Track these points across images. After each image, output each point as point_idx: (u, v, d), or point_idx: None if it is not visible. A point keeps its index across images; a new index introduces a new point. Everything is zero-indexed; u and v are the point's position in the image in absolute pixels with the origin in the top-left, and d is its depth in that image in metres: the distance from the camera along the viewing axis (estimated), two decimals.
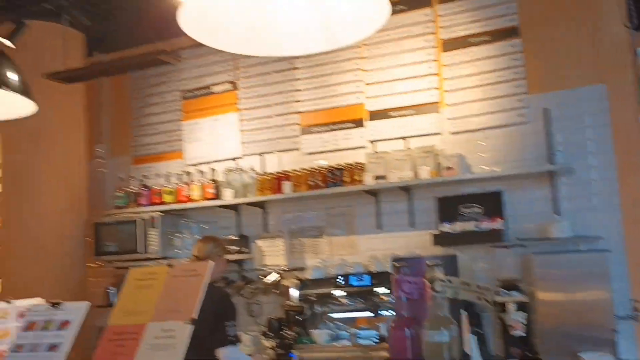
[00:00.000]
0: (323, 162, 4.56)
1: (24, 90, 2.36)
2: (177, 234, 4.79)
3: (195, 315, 1.58)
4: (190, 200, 4.76)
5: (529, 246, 3.94)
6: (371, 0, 1.76)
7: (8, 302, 1.92)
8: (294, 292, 4.01)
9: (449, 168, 4.02)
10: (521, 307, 3.80)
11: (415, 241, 4.28)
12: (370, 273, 4.02)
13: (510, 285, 3.91)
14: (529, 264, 3.88)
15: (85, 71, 3.61)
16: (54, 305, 1.71)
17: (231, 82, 5.01)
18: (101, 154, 5.46)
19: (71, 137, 4.96)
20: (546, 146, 4.02)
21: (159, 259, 4.69)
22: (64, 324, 1.65)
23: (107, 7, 4.61)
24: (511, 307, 3.81)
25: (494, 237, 3.96)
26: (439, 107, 4.35)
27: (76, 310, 1.68)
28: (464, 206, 4.18)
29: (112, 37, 5.15)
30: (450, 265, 3.70)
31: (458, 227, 4.08)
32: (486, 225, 4.01)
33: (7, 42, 3.70)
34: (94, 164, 5.38)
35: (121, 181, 5.12)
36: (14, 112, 2.57)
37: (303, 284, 4.02)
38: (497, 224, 3.99)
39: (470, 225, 4.05)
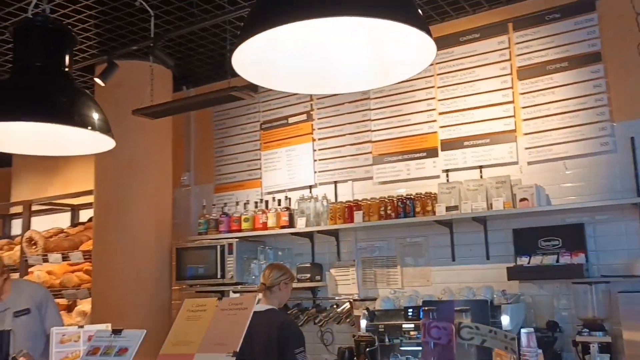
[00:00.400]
0: (402, 190, 4.54)
1: (104, 128, 2.57)
2: (253, 260, 4.93)
3: (237, 348, 1.64)
4: (266, 227, 4.89)
5: (614, 283, 3.69)
6: (418, 41, 1.78)
7: (81, 326, 2.08)
8: (363, 323, 3.99)
9: (523, 199, 3.87)
10: (605, 348, 3.57)
11: (490, 274, 4.14)
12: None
13: (593, 325, 3.70)
14: (614, 302, 3.63)
15: (167, 107, 3.86)
16: (116, 332, 1.83)
17: (306, 113, 5.14)
18: (186, 182, 5.75)
19: (160, 167, 5.27)
20: (633, 177, 3.78)
21: (235, 284, 4.84)
22: (122, 351, 1.77)
23: (191, 46, 4.90)
24: (594, 348, 3.59)
25: (574, 273, 3.74)
26: (515, 136, 4.22)
27: (134, 338, 1.80)
28: (543, 239, 4.00)
29: (198, 73, 5.47)
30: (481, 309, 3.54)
31: (535, 260, 3.91)
32: (566, 259, 3.81)
33: (99, 81, 4.06)
34: (180, 192, 5.68)
35: (203, 208, 5.36)
36: (95, 148, 2.80)
37: (371, 315, 3.99)
38: (578, 259, 3.78)
39: (548, 259, 3.87)
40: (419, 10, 1.76)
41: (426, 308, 1.37)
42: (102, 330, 1.90)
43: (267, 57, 1.91)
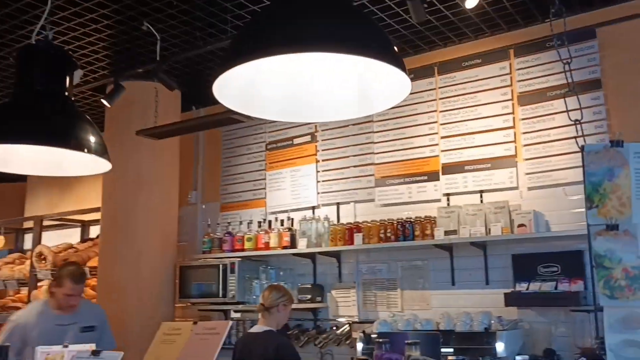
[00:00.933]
0: (406, 213, 4.53)
1: (100, 151, 2.65)
2: (255, 280, 4.96)
3: None
4: (268, 247, 4.94)
5: None
6: (395, 77, 1.83)
7: (65, 346, 2.13)
8: (359, 346, 3.99)
9: (521, 225, 3.86)
10: None
11: (489, 299, 4.12)
12: (437, 331, 3.91)
13: (590, 354, 3.65)
14: None
15: (169, 128, 3.96)
16: (94, 353, 1.88)
17: (311, 134, 5.20)
18: (193, 200, 5.82)
19: (166, 185, 5.36)
20: None
21: (236, 303, 4.88)
22: None
23: (199, 68, 5.01)
24: None
25: (572, 300, 3.72)
26: (516, 162, 4.23)
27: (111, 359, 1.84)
28: (542, 265, 3.98)
29: (207, 93, 5.56)
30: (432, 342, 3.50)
31: (534, 287, 3.89)
32: (564, 286, 3.78)
33: (105, 102, 4.17)
34: (186, 210, 5.76)
35: (208, 227, 5.43)
36: (93, 170, 2.89)
37: (367, 338, 3.99)
38: (576, 286, 3.75)
39: (547, 286, 3.85)
40: (395, 47, 1.81)
41: (380, 340, 1.40)
42: (82, 350, 1.95)
43: (248, 86, 1.97)
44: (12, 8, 3.91)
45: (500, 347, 3.55)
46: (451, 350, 3.67)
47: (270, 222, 5.10)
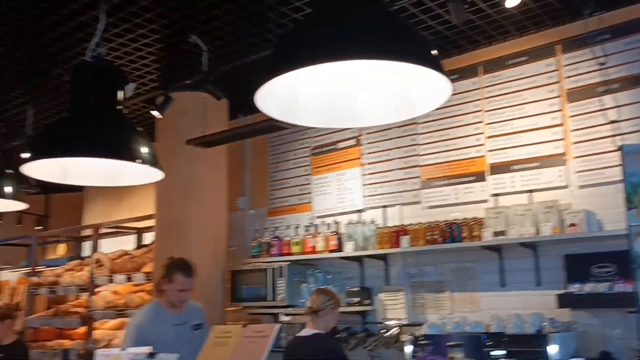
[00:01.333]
0: (455, 214, 4.50)
1: (152, 161, 2.75)
2: (303, 283, 5.02)
3: None
4: (315, 251, 4.99)
5: None
6: (435, 80, 1.84)
7: (123, 349, 2.23)
8: (408, 349, 3.98)
9: (572, 224, 3.77)
10: None
11: (541, 301, 4.04)
12: (487, 333, 3.86)
13: None
14: None
15: (217, 137, 4.08)
16: (151, 355, 1.97)
17: (355, 138, 5.23)
18: (242, 206, 5.95)
19: (216, 191, 5.50)
20: None
21: (285, 307, 4.95)
22: None
23: (245, 76, 5.11)
24: None
25: (628, 302, 3.60)
26: (565, 160, 4.14)
27: None
28: (596, 266, 3.88)
29: (253, 101, 5.67)
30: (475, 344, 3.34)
31: (588, 288, 3.79)
32: (619, 287, 3.67)
33: (156, 114, 4.32)
34: (236, 215, 5.88)
35: (256, 232, 5.53)
36: (146, 179, 3.00)
37: (416, 341, 3.98)
38: (632, 287, 3.63)
39: (601, 287, 3.74)
40: (433, 50, 1.82)
41: (423, 342, 1.41)
42: (139, 353, 2.04)
43: (290, 94, 2.02)
44: (69, 27, 4.12)
45: (553, 349, 3.48)
46: (502, 352, 3.61)
47: (316, 226, 5.15)
